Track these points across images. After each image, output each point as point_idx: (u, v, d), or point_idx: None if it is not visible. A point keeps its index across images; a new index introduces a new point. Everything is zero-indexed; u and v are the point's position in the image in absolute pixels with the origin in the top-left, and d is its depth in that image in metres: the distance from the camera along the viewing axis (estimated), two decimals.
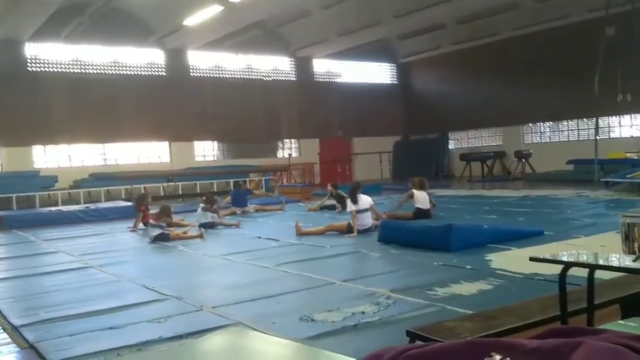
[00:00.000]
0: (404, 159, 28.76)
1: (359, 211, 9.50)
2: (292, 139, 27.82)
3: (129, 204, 15.70)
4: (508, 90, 25.79)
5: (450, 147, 29.45)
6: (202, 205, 11.99)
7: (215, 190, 21.39)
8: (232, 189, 19.02)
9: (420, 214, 10.99)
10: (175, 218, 11.63)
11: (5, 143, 20.61)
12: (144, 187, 19.49)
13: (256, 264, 7.27)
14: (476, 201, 14.74)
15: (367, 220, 9.63)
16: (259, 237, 9.74)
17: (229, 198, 15.11)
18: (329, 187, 14.19)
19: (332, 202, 13.96)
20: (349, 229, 9.49)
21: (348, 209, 9.68)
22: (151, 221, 10.36)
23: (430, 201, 11.39)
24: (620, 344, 1.01)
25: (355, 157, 29.15)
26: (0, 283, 6.88)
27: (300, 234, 9.71)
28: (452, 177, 27.17)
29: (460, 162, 26.49)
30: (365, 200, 9.64)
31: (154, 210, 11.42)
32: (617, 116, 22.85)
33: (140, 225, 11.92)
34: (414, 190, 11.25)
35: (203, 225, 11.26)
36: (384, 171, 28.28)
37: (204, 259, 8.19)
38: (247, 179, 21.72)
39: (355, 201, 9.48)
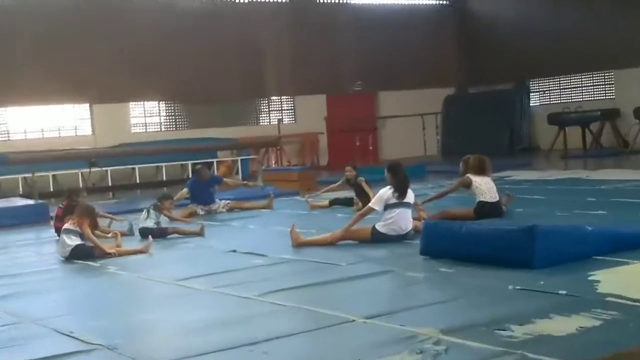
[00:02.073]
0: (460, 123, 25.25)
1: (391, 205, 8.49)
2: (283, 97, 24.67)
3: (31, 202, 14.36)
4: (623, 14, 22.78)
5: (532, 103, 26.03)
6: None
7: (164, 178, 19.47)
8: (189, 176, 17.28)
9: (486, 210, 9.83)
10: (102, 224, 10.65)
11: None
12: (53, 175, 17.71)
13: (230, 292, 6.66)
14: (574, 188, 13.61)
15: (406, 222, 8.76)
16: (234, 251, 8.99)
17: (185, 191, 13.45)
18: (348, 170, 12.62)
19: (350, 193, 12.81)
20: (375, 236, 8.61)
21: (376, 206, 8.67)
22: (67, 225, 9.21)
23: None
24: None
25: (383, 123, 25.72)
26: None
27: (298, 244, 8.84)
28: (535, 151, 24.68)
29: (549, 127, 23.60)
30: (410, 195, 8.89)
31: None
32: None
33: (52, 233, 10.94)
34: (471, 176, 10.07)
35: (145, 233, 10.23)
36: (429, 143, 25.20)
37: (149, 285, 7.56)
38: (214, 161, 19.59)
39: (403, 196, 8.58)
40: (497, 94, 25.73)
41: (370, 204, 8.91)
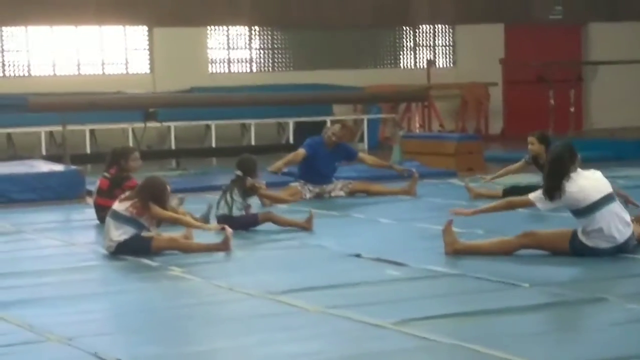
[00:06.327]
0: None
1: (592, 207, 7.03)
2: (436, 26, 21.10)
3: (59, 167, 12.64)
4: None
5: None
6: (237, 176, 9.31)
7: (252, 142, 16.92)
8: (289, 140, 16.19)
9: None
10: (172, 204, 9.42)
11: None
12: (91, 131, 15.69)
13: (353, 316, 5.85)
14: None
15: (620, 224, 7.19)
16: (357, 256, 8.00)
17: (300, 153, 11.25)
18: (531, 142, 10.52)
19: (536, 177, 10.71)
20: (576, 247, 7.14)
21: (538, 203, 7.20)
22: (118, 206, 7.91)
23: None
24: None
25: (594, 72, 21.86)
26: None
27: (455, 250, 7.68)
28: None
29: None
30: (598, 180, 7.33)
31: None
32: None
33: (90, 215, 9.73)
34: None
35: (226, 222, 8.59)
36: None
37: (230, 299, 6.66)
38: (327, 120, 16.63)
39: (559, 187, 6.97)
40: None
41: (532, 196, 7.28)
